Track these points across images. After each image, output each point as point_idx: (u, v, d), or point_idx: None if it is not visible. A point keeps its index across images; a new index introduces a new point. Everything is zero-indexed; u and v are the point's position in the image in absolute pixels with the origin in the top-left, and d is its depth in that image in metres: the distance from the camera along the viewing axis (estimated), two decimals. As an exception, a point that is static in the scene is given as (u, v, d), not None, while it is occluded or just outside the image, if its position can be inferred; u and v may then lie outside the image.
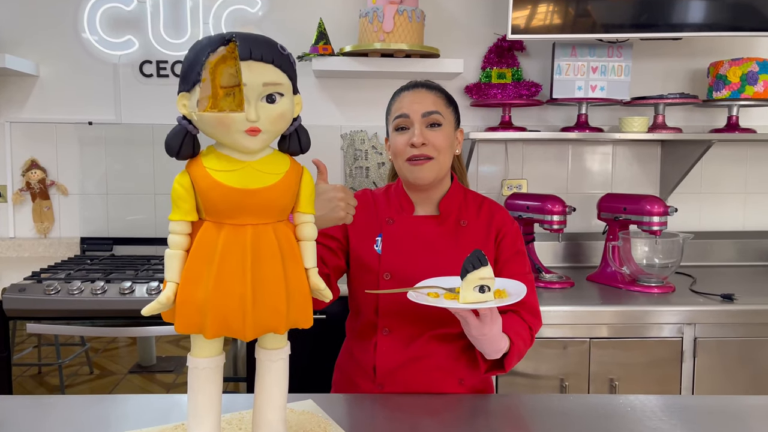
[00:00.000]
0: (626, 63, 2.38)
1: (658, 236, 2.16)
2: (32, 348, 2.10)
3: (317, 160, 1.33)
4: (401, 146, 1.37)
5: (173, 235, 0.82)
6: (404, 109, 1.37)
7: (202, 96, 0.79)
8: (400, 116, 1.37)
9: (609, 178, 2.67)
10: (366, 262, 1.39)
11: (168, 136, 0.82)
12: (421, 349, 1.34)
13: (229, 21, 2.51)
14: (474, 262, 1.07)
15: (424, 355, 1.34)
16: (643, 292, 2.15)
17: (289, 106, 0.84)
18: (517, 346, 1.27)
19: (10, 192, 2.55)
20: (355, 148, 2.57)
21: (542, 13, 2.27)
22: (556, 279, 2.25)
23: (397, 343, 1.35)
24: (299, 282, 0.85)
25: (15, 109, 2.53)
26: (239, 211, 0.81)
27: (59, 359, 2.11)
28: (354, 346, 1.43)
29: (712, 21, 2.27)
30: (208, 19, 2.50)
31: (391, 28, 2.26)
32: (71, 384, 2.11)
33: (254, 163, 0.83)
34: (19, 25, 2.49)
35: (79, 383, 2.11)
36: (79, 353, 2.11)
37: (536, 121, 2.62)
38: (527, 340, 1.32)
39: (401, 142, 1.37)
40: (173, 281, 0.82)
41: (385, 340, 1.36)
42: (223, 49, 0.79)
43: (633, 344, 1.99)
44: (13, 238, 2.57)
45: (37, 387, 2.11)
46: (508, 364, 1.28)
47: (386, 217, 1.42)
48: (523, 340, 1.30)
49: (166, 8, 2.51)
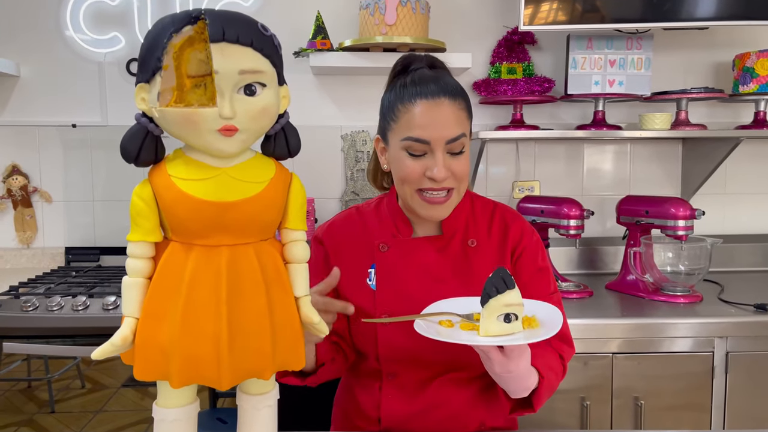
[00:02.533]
0: (647, 55, 2.23)
1: (683, 241, 2.00)
2: (21, 361, 1.97)
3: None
4: (416, 175, 1.10)
5: (132, 260, 0.67)
6: (422, 132, 1.08)
7: (164, 87, 0.64)
8: (417, 140, 1.08)
9: (627, 179, 2.52)
10: (358, 302, 1.14)
11: (124, 138, 0.66)
12: (433, 397, 1.15)
13: (221, 15, 2.35)
14: (498, 285, 0.87)
15: (438, 403, 1.15)
16: (667, 302, 2.00)
17: (273, 99, 0.68)
18: (548, 381, 1.07)
19: (-10, 200, 2.40)
20: (357, 149, 2.42)
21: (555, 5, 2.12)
22: (573, 288, 2.10)
23: (404, 391, 1.16)
24: (288, 314, 0.70)
25: (-3, 110, 2.38)
26: (212, 229, 0.66)
27: (48, 374, 1.98)
28: (355, 385, 1.24)
29: (738, 9, 2.11)
30: (198, 13, 2.35)
31: (393, 21, 2.11)
32: (62, 399, 1.98)
33: (231, 169, 0.67)
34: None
35: (70, 398, 1.98)
36: (70, 367, 1.98)
37: (549, 119, 2.48)
38: (559, 372, 1.13)
39: (415, 169, 1.09)
40: (132, 316, 0.66)
41: (390, 387, 1.16)
42: (190, 28, 0.64)
43: (658, 359, 1.84)
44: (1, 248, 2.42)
45: (27, 403, 1.97)
46: (537, 402, 1.08)
47: (379, 243, 1.18)
48: (555, 373, 1.10)
49: (154, 3, 2.37)
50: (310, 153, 2.43)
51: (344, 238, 1.18)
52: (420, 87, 1.11)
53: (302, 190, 0.74)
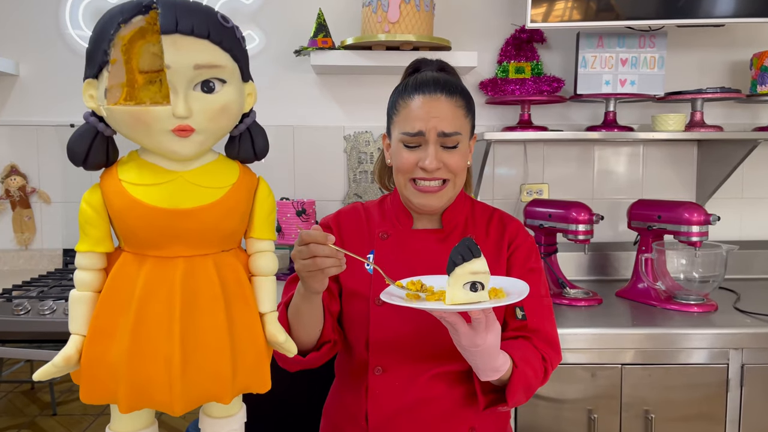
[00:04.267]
0: (660, 54, 2.14)
1: (697, 248, 1.93)
2: (24, 362, 1.94)
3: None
4: (409, 165, 1.15)
5: (80, 272, 0.61)
6: (418, 124, 1.13)
7: (111, 83, 0.58)
8: (413, 134, 1.14)
9: (639, 183, 2.44)
10: (355, 286, 1.18)
11: (71, 139, 0.61)
12: (421, 392, 1.12)
13: (222, 13, 2.30)
14: (464, 253, 0.85)
15: (426, 399, 1.12)
16: (680, 311, 1.93)
17: (235, 96, 0.62)
18: (524, 374, 1.04)
19: (-12, 200, 2.37)
20: (360, 150, 2.36)
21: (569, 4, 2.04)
22: (581, 295, 2.03)
23: (392, 386, 1.13)
24: (250, 333, 0.64)
25: (-8, 111, 2.35)
26: (166, 238, 0.60)
27: (50, 375, 1.95)
28: (343, 388, 1.22)
29: (756, 6, 2.03)
30: (199, 11, 2.30)
31: (396, 18, 2.05)
32: (64, 401, 1.94)
33: (188, 173, 0.62)
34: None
35: (72, 400, 1.95)
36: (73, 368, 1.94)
37: (558, 120, 2.40)
38: (538, 370, 1.10)
39: (409, 160, 1.15)
40: (78, 334, 0.61)
41: (378, 381, 1.13)
42: (141, 18, 0.58)
43: (670, 371, 1.76)
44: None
45: (29, 405, 1.94)
46: (511, 395, 1.05)
47: (379, 232, 1.21)
48: (533, 369, 1.08)
49: (154, 0, 2.32)
50: (311, 154, 2.38)
51: (348, 227, 1.21)
52: (420, 84, 1.17)
53: (270, 196, 0.68)
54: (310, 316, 1.08)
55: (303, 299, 1.05)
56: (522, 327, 1.16)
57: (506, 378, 1.06)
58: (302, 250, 0.93)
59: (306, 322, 1.09)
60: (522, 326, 1.16)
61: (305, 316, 1.08)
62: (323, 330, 1.13)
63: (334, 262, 0.94)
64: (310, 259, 0.93)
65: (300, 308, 1.07)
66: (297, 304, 1.07)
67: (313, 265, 0.93)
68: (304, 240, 0.93)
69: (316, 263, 0.93)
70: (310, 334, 1.11)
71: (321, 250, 0.93)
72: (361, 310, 1.15)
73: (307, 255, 0.93)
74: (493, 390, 1.13)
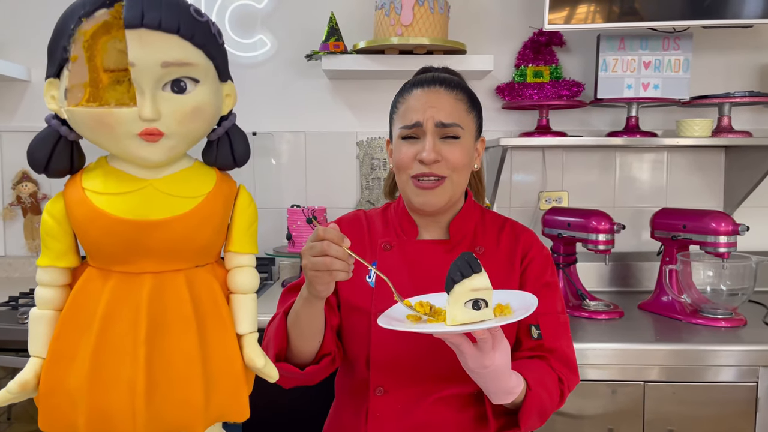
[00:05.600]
0: (685, 56, 2.06)
1: (725, 259, 1.84)
2: None
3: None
4: (407, 159, 1.10)
5: (40, 288, 0.56)
6: (415, 115, 1.10)
7: (72, 83, 0.53)
8: (410, 126, 1.10)
9: (663, 190, 2.35)
10: (355, 300, 1.11)
11: (31, 143, 0.56)
12: (426, 416, 1.05)
13: (233, 18, 2.27)
14: (463, 269, 0.79)
15: (431, 423, 1.05)
16: (707, 326, 1.84)
17: (209, 97, 0.56)
18: (538, 397, 0.98)
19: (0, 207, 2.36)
20: (373, 156, 2.30)
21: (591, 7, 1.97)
22: (602, 308, 1.95)
23: (394, 408, 1.06)
24: (226, 357, 0.58)
25: (5, 117, 2.35)
26: (132, 252, 0.55)
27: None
28: (343, 408, 1.15)
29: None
30: (210, 16, 2.27)
31: (409, 21, 1.99)
32: None
33: (158, 181, 0.56)
34: (9, 27, 2.31)
35: None
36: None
37: (578, 125, 2.32)
38: (554, 393, 1.03)
39: (407, 154, 1.10)
40: (37, 356, 0.55)
41: (379, 403, 1.07)
42: (105, 12, 0.53)
43: (696, 389, 1.68)
44: (4, 257, 2.38)
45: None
46: (524, 420, 0.99)
47: (382, 242, 1.15)
48: (548, 392, 1.01)
49: (166, 5, 2.30)
50: (323, 160, 2.33)
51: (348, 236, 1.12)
52: (419, 80, 1.15)
53: (251, 205, 0.62)
54: (310, 323, 1.02)
55: (305, 304, 0.99)
56: (537, 346, 1.09)
57: (520, 401, 0.99)
58: (315, 246, 0.89)
59: (306, 331, 1.03)
60: (537, 345, 1.09)
61: (305, 324, 1.02)
62: (323, 341, 1.08)
63: (344, 266, 0.90)
64: (320, 257, 0.88)
65: (300, 314, 1.01)
66: (297, 309, 1.02)
67: (322, 264, 0.88)
68: (320, 236, 0.89)
69: (326, 263, 0.88)
70: (310, 345, 1.05)
71: (335, 250, 0.88)
72: (362, 325, 1.09)
73: (319, 252, 0.89)
74: (505, 412, 1.06)
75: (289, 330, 1.04)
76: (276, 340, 1.03)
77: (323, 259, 0.88)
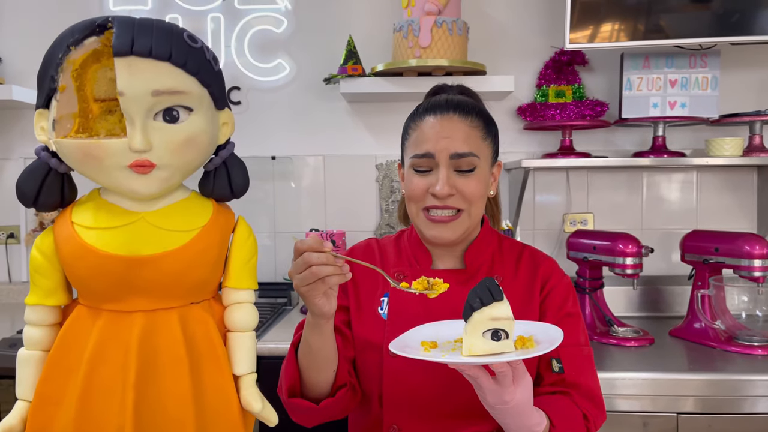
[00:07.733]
0: (713, 74, 2.00)
1: (760, 284, 1.77)
2: None
3: None
4: (419, 192, 1.05)
5: (28, 328, 0.54)
6: (427, 145, 1.04)
7: (61, 113, 0.51)
8: (422, 155, 1.04)
9: (693, 212, 2.27)
10: (367, 334, 1.06)
11: (20, 176, 0.53)
12: None
13: (253, 43, 2.28)
14: (482, 296, 0.74)
15: None
16: (742, 354, 1.75)
17: (203, 126, 0.53)
18: None
19: (23, 233, 2.38)
20: (392, 179, 2.27)
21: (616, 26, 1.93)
22: (631, 334, 1.87)
23: None
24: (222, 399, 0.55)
25: (28, 143, 2.37)
26: (122, 290, 0.52)
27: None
28: None
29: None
30: (230, 41, 2.28)
31: (428, 43, 1.97)
32: None
33: (151, 215, 0.53)
34: (28, 56, 2.33)
35: None
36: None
37: (603, 146, 2.26)
38: (579, 431, 0.97)
39: (419, 186, 1.05)
40: (24, 399, 0.53)
41: None
42: (95, 40, 0.51)
43: (732, 421, 1.59)
44: (26, 282, 2.39)
45: None
46: None
47: (395, 272, 1.11)
48: (573, 430, 0.95)
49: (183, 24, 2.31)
50: (342, 184, 2.31)
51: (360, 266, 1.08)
52: (431, 105, 1.09)
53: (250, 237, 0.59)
54: (321, 350, 0.96)
55: (312, 329, 0.94)
56: (559, 381, 1.03)
57: None
58: (297, 262, 0.83)
59: (318, 358, 0.97)
60: (559, 380, 1.03)
61: (316, 350, 0.96)
62: (338, 372, 1.02)
63: (333, 269, 0.83)
64: (306, 271, 0.83)
65: (310, 342, 0.95)
66: (306, 337, 0.96)
67: (310, 276, 0.82)
68: (299, 249, 0.84)
69: (313, 272, 0.82)
70: (324, 375, 0.99)
71: (316, 257, 0.82)
72: (374, 359, 1.04)
73: (302, 267, 0.83)
74: None
75: (301, 361, 0.99)
76: (287, 374, 0.99)
77: (309, 270, 0.82)
